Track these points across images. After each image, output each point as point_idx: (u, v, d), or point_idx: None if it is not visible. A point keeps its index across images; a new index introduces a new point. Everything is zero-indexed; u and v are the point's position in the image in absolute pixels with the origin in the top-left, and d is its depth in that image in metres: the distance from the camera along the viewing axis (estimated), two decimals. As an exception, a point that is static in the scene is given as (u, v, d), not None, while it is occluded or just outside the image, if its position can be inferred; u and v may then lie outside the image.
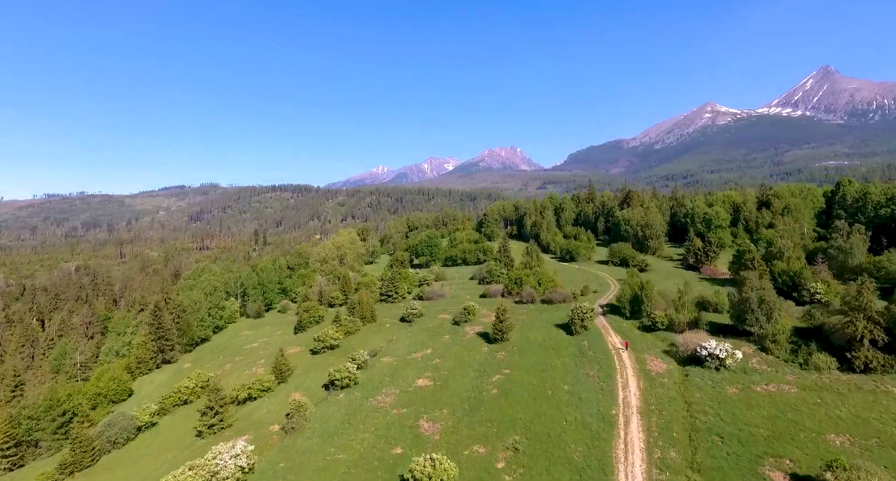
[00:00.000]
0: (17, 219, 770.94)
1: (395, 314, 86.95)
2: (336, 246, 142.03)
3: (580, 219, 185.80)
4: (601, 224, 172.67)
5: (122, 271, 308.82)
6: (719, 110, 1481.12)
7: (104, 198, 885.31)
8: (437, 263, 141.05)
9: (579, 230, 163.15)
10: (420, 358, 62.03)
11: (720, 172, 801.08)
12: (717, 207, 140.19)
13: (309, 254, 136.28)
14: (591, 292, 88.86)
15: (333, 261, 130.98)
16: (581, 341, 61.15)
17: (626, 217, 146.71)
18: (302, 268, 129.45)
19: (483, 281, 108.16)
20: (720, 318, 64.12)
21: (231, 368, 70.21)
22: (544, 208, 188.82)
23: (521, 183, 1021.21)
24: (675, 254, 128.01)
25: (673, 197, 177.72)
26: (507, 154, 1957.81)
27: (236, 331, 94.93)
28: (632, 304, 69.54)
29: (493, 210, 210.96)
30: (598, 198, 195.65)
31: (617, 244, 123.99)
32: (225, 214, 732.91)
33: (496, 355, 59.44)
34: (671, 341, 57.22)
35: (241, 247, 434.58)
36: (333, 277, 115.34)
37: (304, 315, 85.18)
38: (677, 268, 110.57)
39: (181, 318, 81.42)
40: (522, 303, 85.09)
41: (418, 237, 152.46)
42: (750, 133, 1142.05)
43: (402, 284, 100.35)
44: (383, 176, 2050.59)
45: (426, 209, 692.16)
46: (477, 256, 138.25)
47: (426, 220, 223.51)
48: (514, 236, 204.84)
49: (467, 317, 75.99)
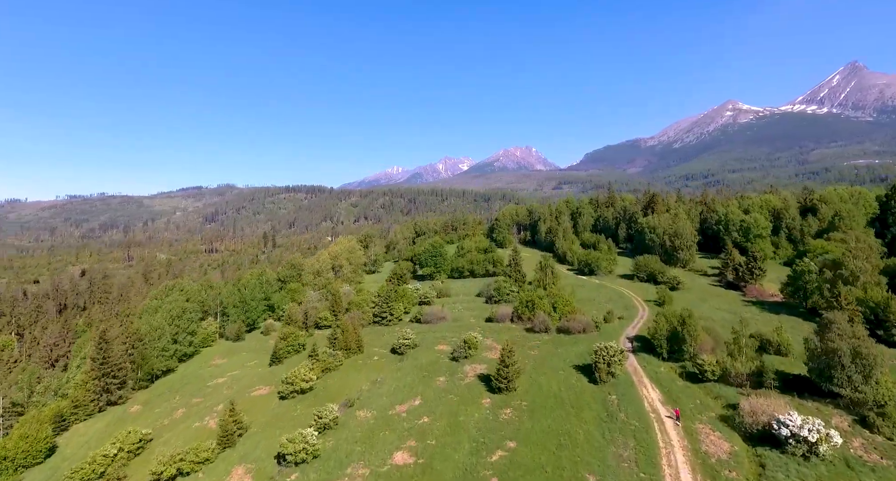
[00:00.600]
0: (40, 220, 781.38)
1: (387, 342, 74.80)
2: (332, 256, 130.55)
3: (599, 225, 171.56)
4: (622, 231, 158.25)
5: (128, 275, 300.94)
6: (741, 108, 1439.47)
7: (123, 199, 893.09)
8: (443, 275, 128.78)
9: (599, 238, 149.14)
10: (405, 412, 49.67)
11: (742, 171, 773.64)
12: (755, 214, 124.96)
13: (302, 265, 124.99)
14: (616, 318, 75.52)
15: (328, 273, 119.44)
16: (608, 394, 48.17)
17: (651, 224, 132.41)
18: (294, 281, 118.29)
19: (490, 299, 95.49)
20: (787, 365, 50.48)
21: (182, 416, 58.97)
22: (560, 213, 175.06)
23: (536, 183, 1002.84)
24: (708, 268, 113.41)
25: (702, 201, 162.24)
26: (523, 154, 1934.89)
27: (208, 358, 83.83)
28: (670, 342, 56.25)
29: (505, 214, 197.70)
30: (618, 203, 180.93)
31: (643, 257, 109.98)
32: (239, 215, 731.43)
33: (499, 413, 46.81)
34: (728, 400, 43.95)
35: (250, 249, 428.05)
36: (326, 292, 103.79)
37: (282, 344, 73.53)
38: (714, 286, 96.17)
39: (136, 349, 70.52)
40: (534, 332, 72.27)
41: (422, 246, 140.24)
42: (773, 131, 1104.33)
43: (397, 305, 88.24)
44: (398, 176, 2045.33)
45: (439, 210, 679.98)
46: (486, 268, 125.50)
47: (434, 225, 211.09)
48: (527, 242, 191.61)
49: (468, 351, 63.43)
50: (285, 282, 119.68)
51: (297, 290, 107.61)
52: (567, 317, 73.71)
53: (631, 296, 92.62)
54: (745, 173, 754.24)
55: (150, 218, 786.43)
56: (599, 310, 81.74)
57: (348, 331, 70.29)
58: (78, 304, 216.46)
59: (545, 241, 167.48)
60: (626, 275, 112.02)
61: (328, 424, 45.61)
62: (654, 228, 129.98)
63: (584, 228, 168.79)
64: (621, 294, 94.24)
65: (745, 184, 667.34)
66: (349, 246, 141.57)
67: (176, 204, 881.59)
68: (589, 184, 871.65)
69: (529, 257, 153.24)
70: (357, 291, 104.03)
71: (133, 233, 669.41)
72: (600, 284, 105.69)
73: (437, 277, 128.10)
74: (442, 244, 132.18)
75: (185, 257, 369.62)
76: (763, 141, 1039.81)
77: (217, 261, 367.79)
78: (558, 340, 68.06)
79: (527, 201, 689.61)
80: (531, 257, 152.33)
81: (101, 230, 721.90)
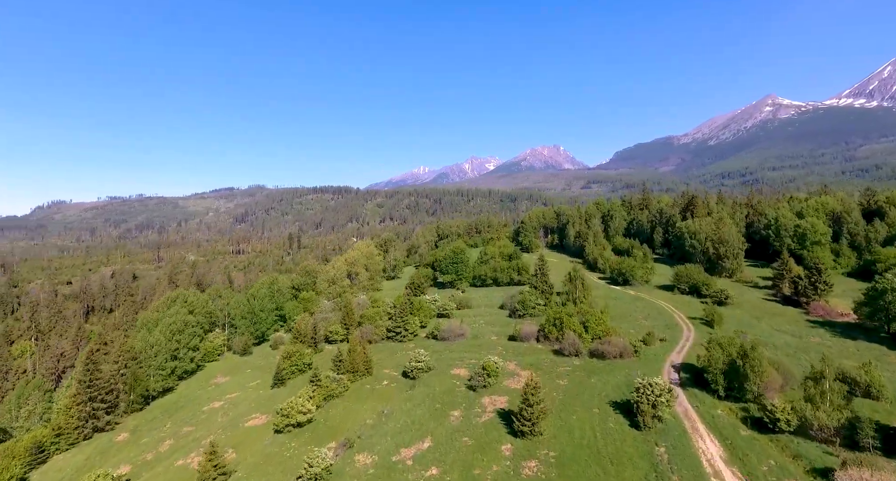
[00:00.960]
0: (83, 221, 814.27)
1: (399, 362, 67.90)
2: (349, 262, 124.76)
3: (632, 228, 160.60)
4: (658, 235, 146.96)
5: (157, 276, 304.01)
6: (781, 103, 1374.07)
7: (160, 200, 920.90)
8: (464, 283, 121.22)
9: (632, 243, 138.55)
10: (411, 459, 42.47)
11: (783, 169, 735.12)
12: (811, 218, 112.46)
13: (316, 272, 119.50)
14: (658, 340, 66.34)
15: (343, 281, 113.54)
16: (655, 446, 39.74)
17: (691, 229, 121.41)
18: (308, 289, 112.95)
19: (514, 313, 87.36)
20: (883, 413, 40.79)
21: (169, 449, 53.42)
22: (590, 216, 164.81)
23: (564, 182, 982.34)
24: (758, 279, 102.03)
25: (748, 203, 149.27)
26: (550, 153, 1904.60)
27: (210, 374, 78.94)
28: (727, 377, 47.17)
29: (531, 217, 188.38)
30: (653, 204, 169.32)
31: (684, 266, 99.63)
32: (268, 216, 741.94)
33: (522, 467, 39.04)
34: (812, 462, 34.94)
35: (276, 250, 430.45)
36: (340, 302, 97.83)
37: (285, 364, 67.49)
38: (769, 301, 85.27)
39: (129, 369, 65.73)
40: (563, 355, 63.97)
41: (443, 251, 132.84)
42: (816, 126, 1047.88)
43: (413, 319, 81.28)
44: (424, 176, 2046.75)
45: (465, 210, 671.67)
46: (510, 276, 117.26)
47: (458, 228, 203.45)
48: (554, 246, 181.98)
49: (486, 380, 55.74)
50: (300, 289, 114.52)
51: (311, 300, 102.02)
52: (601, 338, 65.12)
53: (672, 311, 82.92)
54: (786, 171, 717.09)
55: (184, 218, 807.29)
56: (637, 330, 72.77)
57: (356, 351, 63.65)
58: (105, 307, 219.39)
59: (574, 246, 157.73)
60: (665, 286, 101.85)
61: (319, 476, 38.71)
62: (696, 233, 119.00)
63: (616, 232, 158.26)
64: (661, 309, 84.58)
65: (786, 183, 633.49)
66: (367, 251, 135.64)
67: (209, 204, 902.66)
68: (619, 183, 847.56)
69: (557, 263, 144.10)
70: (372, 302, 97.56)
71: (167, 233, 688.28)
72: (636, 297, 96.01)
73: (458, 285, 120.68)
74: (463, 250, 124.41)
75: (213, 258, 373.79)
76: (806, 137, 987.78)
77: (243, 263, 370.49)
78: (591, 366, 59.61)
79: (554, 201, 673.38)
80: (559, 263, 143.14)
81: (138, 230, 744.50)
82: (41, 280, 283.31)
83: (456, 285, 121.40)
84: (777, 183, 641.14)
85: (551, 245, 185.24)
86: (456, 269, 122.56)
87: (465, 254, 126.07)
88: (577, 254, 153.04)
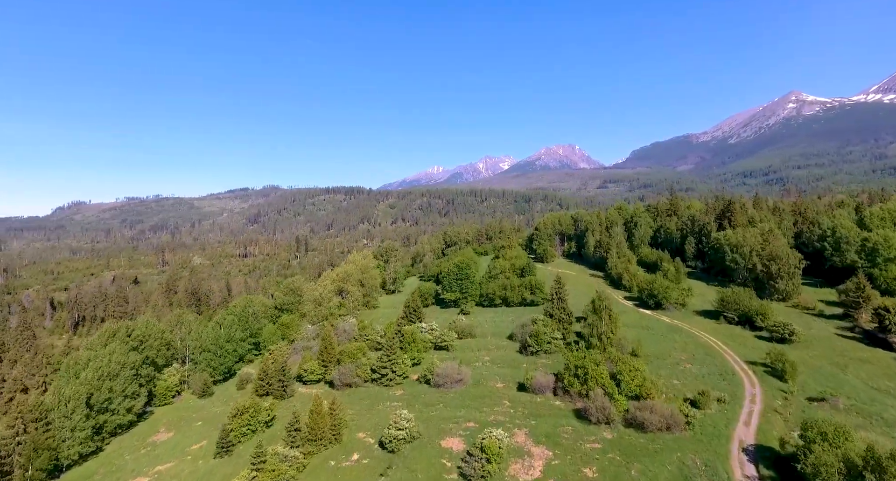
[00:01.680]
0: (101, 221, 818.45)
1: (379, 422, 53.49)
2: (340, 278, 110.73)
3: (660, 237, 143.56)
4: (690, 246, 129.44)
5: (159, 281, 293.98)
6: (805, 99, 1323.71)
7: (176, 200, 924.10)
8: (470, 302, 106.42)
9: (661, 255, 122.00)
10: None
11: (809, 168, 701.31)
12: (881, 231, 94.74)
13: (302, 290, 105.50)
14: (713, 401, 50.52)
15: (331, 301, 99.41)
16: None
17: (732, 241, 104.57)
18: (293, 310, 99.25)
19: (525, 348, 72.19)
20: None
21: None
22: (612, 223, 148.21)
23: (579, 182, 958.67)
24: (820, 304, 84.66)
25: (795, 209, 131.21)
26: (565, 152, 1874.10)
27: (153, 427, 65.39)
28: None
29: (546, 223, 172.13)
30: (682, 210, 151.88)
31: (731, 290, 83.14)
32: (280, 217, 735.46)
33: None
34: None
35: (283, 253, 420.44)
36: (323, 327, 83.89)
37: (234, 424, 53.49)
38: (846, 339, 68.17)
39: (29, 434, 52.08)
40: (589, 421, 48.81)
41: (448, 262, 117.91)
42: (843, 123, 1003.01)
43: (403, 357, 66.76)
44: (438, 176, 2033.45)
45: (478, 211, 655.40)
46: (522, 294, 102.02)
47: (466, 234, 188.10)
48: (571, 255, 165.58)
49: (484, 468, 40.87)
50: (283, 310, 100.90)
51: (291, 325, 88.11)
52: (638, 398, 49.77)
53: (721, 350, 66.82)
54: (812, 169, 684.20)
55: (198, 219, 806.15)
56: (682, 379, 57.23)
57: (321, 413, 49.25)
58: (97, 316, 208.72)
59: (594, 257, 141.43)
60: (706, 312, 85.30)
61: None
62: (738, 247, 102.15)
63: (641, 241, 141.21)
64: (707, 347, 68.48)
65: (813, 182, 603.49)
66: (362, 264, 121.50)
67: (223, 205, 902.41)
68: (636, 183, 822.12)
69: (575, 277, 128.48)
70: (360, 328, 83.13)
71: (179, 234, 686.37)
72: (673, 326, 79.94)
73: (463, 305, 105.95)
74: (469, 265, 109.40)
75: (218, 262, 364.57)
76: (832, 134, 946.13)
77: (249, 266, 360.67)
78: (628, 444, 44.28)
79: (569, 202, 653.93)
80: (577, 277, 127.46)
81: (152, 231, 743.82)
82: (38, 286, 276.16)
83: (460, 304, 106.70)
84: (803, 182, 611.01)
85: (568, 253, 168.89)
86: (461, 287, 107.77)
87: (472, 269, 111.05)
88: (598, 267, 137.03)
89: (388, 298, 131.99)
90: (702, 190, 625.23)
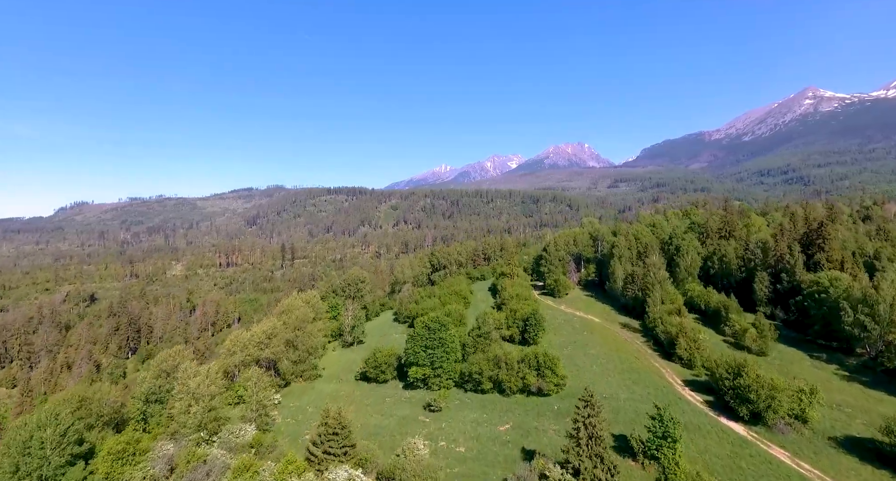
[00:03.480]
0: (101, 222, 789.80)
1: None
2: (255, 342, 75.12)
3: (711, 266, 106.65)
4: (762, 284, 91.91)
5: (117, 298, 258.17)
6: (823, 95, 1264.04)
7: (178, 201, 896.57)
8: (445, 383, 70.73)
9: (727, 302, 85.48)
10: None
11: (830, 166, 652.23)
12: None
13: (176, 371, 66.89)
14: None
15: (217, 398, 63.48)
16: None
17: (854, 295, 67.48)
18: (166, 397, 64.04)
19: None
20: None
21: None
22: (649, 249, 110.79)
23: (589, 181, 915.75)
24: None
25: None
26: (574, 150, 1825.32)
27: None
28: None
29: (557, 244, 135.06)
30: (739, 229, 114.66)
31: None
32: (279, 218, 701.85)
33: None
34: None
35: (270, 262, 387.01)
36: (188, 459, 48.46)
37: None
38: None
39: None
40: None
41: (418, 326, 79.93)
42: (864, 119, 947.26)
43: None
44: (446, 175, 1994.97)
45: (483, 213, 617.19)
46: (523, 377, 65.57)
47: (458, 255, 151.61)
48: (590, 284, 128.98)
49: None
50: (160, 401, 65.56)
51: (131, 450, 52.39)
52: None
53: None
54: (833, 168, 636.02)
55: (200, 220, 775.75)
56: None
57: None
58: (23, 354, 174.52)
59: (623, 294, 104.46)
60: (850, 441, 48.32)
61: None
62: (868, 304, 64.84)
63: (687, 274, 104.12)
64: None
65: (836, 181, 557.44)
66: (301, 314, 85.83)
67: (227, 205, 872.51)
68: (649, 182, 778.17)
69: (600, 327, 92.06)
70: (240, 470, 47.13)
71: (174, 238, 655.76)
72: (793, 473, 43.17)
73: (436, 386, 70.39)
74: (444, 324, 73.46)
75: (194, 273, 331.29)
76: (852, 131, 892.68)
77: (228, 279, 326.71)
78: None
79: (579, 202, 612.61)
80: (603, 329, 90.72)
81: (147, 234, 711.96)
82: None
83: (432, 386, 70.98)
84: (825, 181, 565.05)
85: (586, 282, 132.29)
86: (432, 359, 71.79)
87: (449, 330, 74.81)
88: (629, 309, 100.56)
89: (341, 355, 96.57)
90: (718, 190, 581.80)
